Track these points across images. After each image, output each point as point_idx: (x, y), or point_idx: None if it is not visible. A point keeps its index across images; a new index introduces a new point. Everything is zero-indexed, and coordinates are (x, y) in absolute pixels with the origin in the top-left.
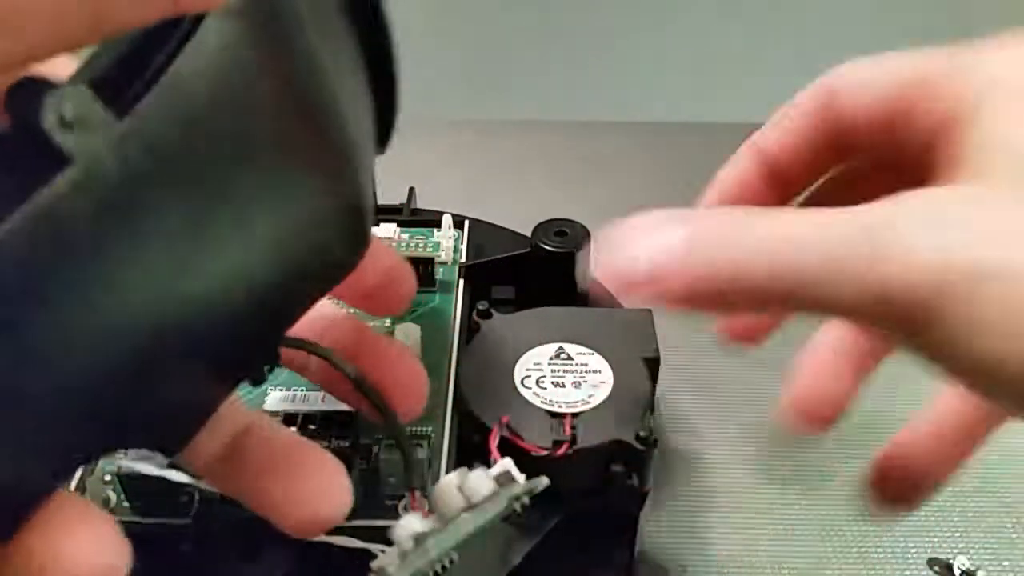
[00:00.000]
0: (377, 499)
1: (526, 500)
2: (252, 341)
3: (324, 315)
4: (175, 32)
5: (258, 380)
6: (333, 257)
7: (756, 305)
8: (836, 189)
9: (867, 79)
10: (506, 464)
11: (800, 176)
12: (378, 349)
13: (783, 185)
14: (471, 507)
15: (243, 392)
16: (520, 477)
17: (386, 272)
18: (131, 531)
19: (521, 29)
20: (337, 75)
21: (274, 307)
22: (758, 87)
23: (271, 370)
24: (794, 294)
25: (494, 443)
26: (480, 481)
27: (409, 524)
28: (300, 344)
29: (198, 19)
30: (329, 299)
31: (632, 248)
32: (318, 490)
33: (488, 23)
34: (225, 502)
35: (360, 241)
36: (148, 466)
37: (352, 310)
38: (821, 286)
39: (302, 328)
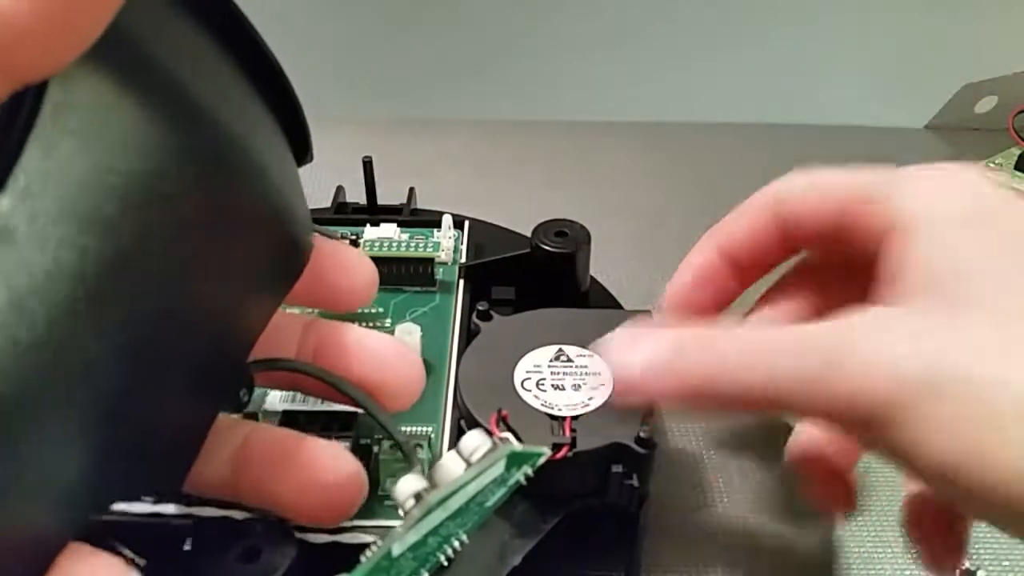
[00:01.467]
0: (377, 499)
1: (529, 471)
2: (217, 365)
3: (313, 328)
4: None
5: (237, 407)
6: (275, 273)
7: (739, 409)
8: (796, 281)
9: (812, 190)
10: (505, 435)
11: (755, 266)
12: (376, 350)
13: (741, 271)
14: (471, 466)
15: None
16: (518, 445)
17: (342, 269)
18: (131, 531)
19: (521, 29)
20: (218, 99)
21: (227, 331)
22: (758, 87)
23: (248, 395)
24: (771, 402)
25: (494, 425)
26: (475, 439)
27: (407, 485)
28: (271, 363)
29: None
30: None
31: (624, 357)
32: (327, 475)
33: (488, 23)
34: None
35: (297, 254)
36: (140, 505)
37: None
38: (793, 395)
39: (289, 344)
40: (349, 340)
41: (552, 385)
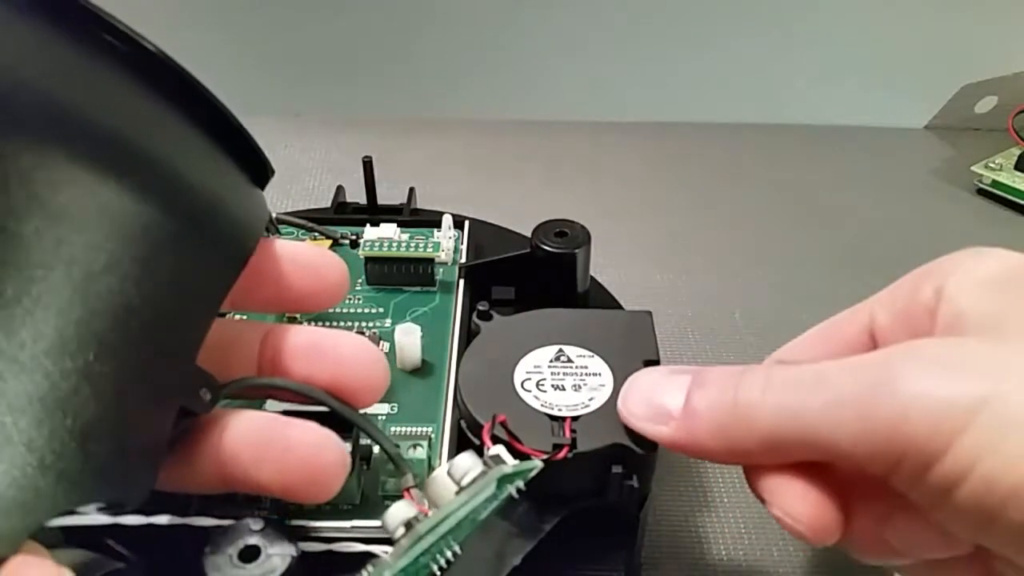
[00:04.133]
0: (376, 500)
1: (521, 484)
2: (163, 367)
3: (271, 334)
4: None
5: (201, 407)
6: (212, 272)
7: (765, 457)
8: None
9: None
10: (497, 449)
11: None
12: (331, 349)
13: None
14: (461, 489)
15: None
16: (510, 460)
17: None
18: (132, 531)
19: (521, 29)
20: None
21: (167, 334)
22: (758, 87)
23: (212, 396)
24: (800, 440)
25: (487, 436)
26: (466, 461)
27: (398, 512)
28: (240, 383)
29: None
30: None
31: (639, 405)
32: (303, 447)
33: (487, 23)
34: (226, 500)
35: (236, 248)
36: (136, 517)
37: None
38: (823, 431)
39: (250, 354)
40: (303, 343)
41: (552, 385)
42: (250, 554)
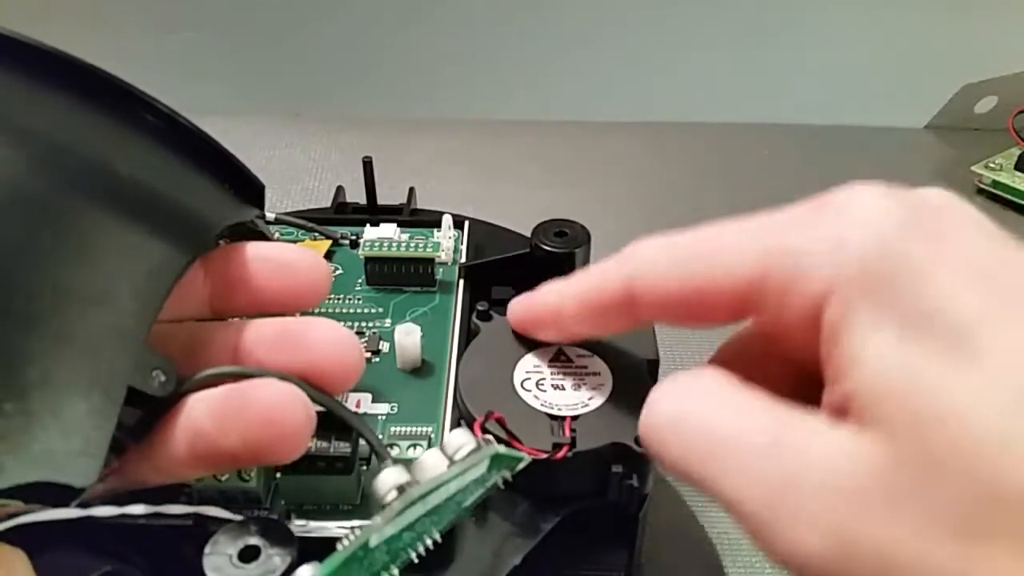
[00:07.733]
0: (376, 500)
1: (508, 476)
2: (110, 340)
3: (244, 331)
4: None
5: (155, 389)
6: (160, 263)
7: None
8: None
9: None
10: (488, 439)
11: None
12: (300, 335)
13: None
14: (454, 464)
15: None
16: (502, 447)
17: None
18: (131, 531)
19: (521, 29)
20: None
21: (112, 307)
22: (758, 87)
23: (168, 378)
24: (698, 480)
25: (478, 428)
26: (459, 437)
27: (388, 477)
28: (195, 383)
29: None
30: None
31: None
32: (268, 406)
33: (488, 23)
34: (226, 500)
35: (182, 250)
36: (140, 507)
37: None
38: (718, 483)
39: (223, 352)
40: (271, 332)
41: (552, 385)
42: (250, 554)
